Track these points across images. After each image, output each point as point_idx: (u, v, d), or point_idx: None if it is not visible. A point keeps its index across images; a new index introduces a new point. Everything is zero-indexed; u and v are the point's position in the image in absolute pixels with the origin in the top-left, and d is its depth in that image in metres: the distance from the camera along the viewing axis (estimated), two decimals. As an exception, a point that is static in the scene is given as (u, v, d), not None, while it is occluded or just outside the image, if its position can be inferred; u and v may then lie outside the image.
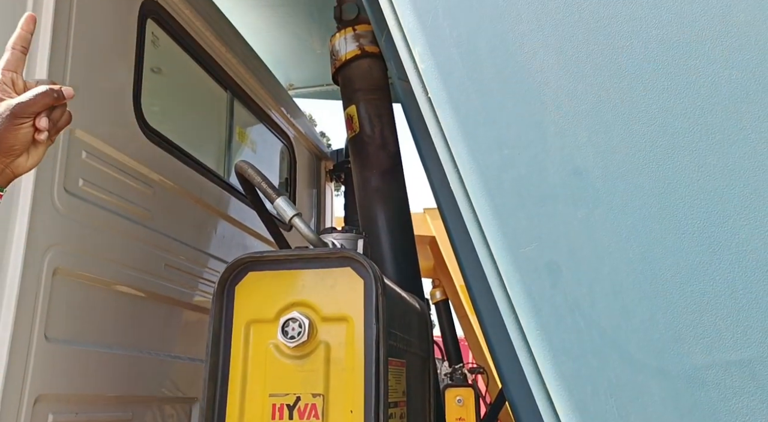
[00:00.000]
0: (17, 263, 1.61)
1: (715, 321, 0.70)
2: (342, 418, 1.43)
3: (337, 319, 1.51)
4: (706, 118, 0.77)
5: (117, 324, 2.02)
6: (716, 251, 0.73)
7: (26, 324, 1.62)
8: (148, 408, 2.16)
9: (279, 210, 1.73)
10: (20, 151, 1.10)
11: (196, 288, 2.50)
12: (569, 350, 0.78)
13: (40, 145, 1.13)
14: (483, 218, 0.88)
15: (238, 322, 1.55)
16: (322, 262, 1.56)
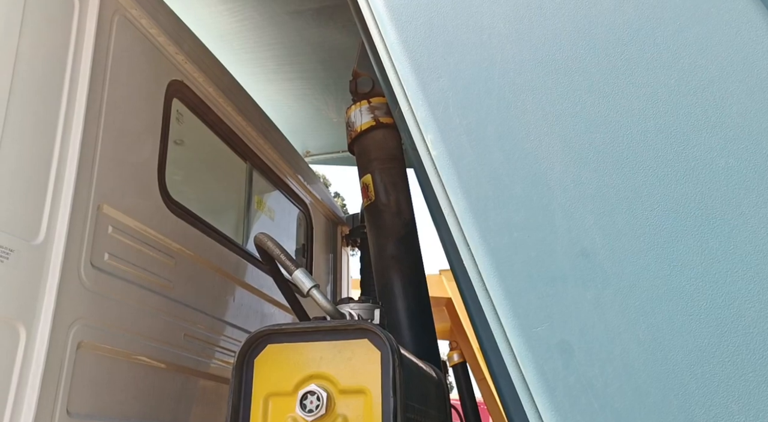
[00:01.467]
0: (44, 338, 1.65)
1: (727, 403, 0.71)
2: (361, 492, 1.42)
3: (355, 392, 1.52)
4: (705, 201, 0.81)
5: (137, 396, 2.03)
6: (724, 332, 0.75)
7: (49, 400, 1.65)
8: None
9: (297, 281, 1.77)
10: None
11: (213, 357, 2.51)
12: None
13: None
14: (496, 298, 0.91)
15: (257, 396, 1.57)
16: (340, 334, 1.58)
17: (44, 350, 1.63)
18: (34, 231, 1.68)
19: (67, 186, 1.79)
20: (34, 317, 1.64)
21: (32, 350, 1.62)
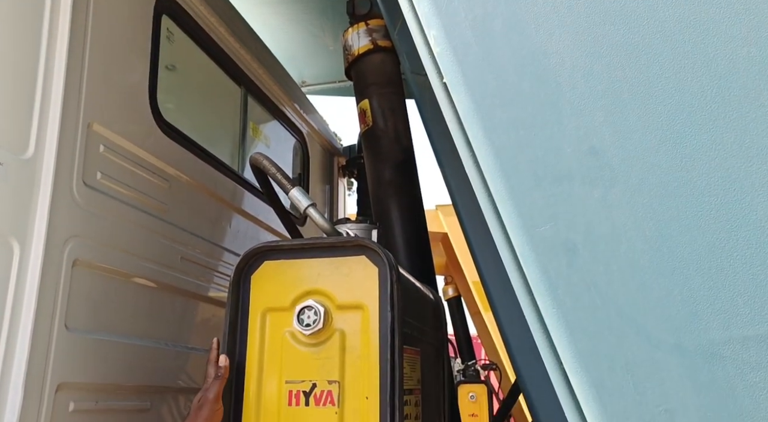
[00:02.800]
0: (38, 254, 1.63)
1: (733, 296, 0.70)
2: (357, 404, 1.44)
3: (352, 307, 1.52)
4: (723, 94, 0.77)
5: (135, 315, 2.04)
6: (734, 227, 0.73)
7: (47, 314, 1.65)
8: (166, 398, 2.18)
9: (294, 200, 1.74)
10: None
11: (211, 281, 2.52)
12: (586, 328, 0.78)
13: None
14: (499, 199, 0.89)
15: (254, 311, 1.57)
16: (337, 251, 1.57)
17: (39, 266, 1.62)
18: (23, 146, 1.64)
19: (55, 101, 1.74)
20: (27, 233, 1.62)
21: (27, 265, 1.61)
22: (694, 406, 0.70)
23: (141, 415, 2.04)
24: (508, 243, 0.92)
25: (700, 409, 0.70)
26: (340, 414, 1.44)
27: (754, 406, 0.68)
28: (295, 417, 1.46)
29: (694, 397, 0.71)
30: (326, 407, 1.46)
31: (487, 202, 0.98)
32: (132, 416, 1.99)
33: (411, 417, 1.54)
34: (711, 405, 0.70)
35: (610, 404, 0.74)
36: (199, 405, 1.49)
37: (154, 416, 2.11)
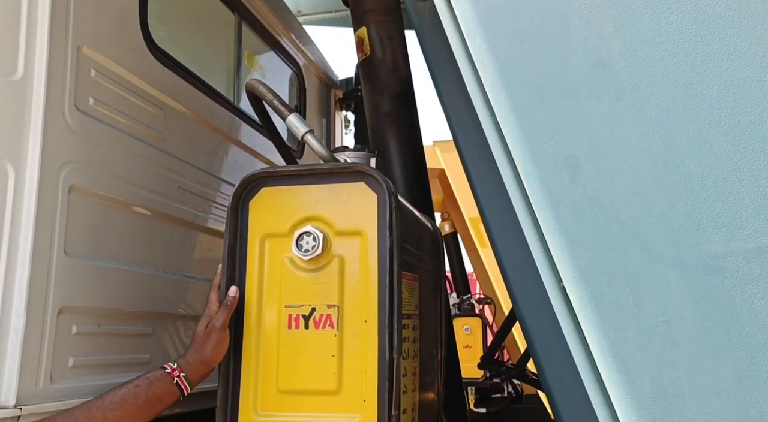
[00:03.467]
0: (33, 179, 1.61)
1: (737, 209, 0.70)
2: (356, 328, 1.47)
3: (351, 233, 1.53)
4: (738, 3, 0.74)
5: (133, 243, 2.05)
6: (743, 139, 0.71)
7: (46, 239, 1.65)
8: (167, 324, 2.22)
9: (291, 127, 1.71)
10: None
11: (208, 212, 2.52)
12: (587, 243, 0.78)
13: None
14: (501, 115, 0.87)
15: (253, 236, 1.57)
16: (336, 177, 1.56)
17: (35, 190, 1.61)
18: (11, 67, 1.60)
19: (42, 21, 1.68)
20: (20, 157, 1.60)
21: (22, 190, 1.59)
22: (691, 317, 0.71)
23: (143, 340, 2.08)
24: (510, 161, 0.90)
25: (697, 320, 0.71)
26: (339, 336, 1.47)
27: (751, 316, 0.69)
28: (294, 340, 1.49)
29: (692, 309, 0.71)
30: (326, 330, 1.48)
31: (489, 120, 0.96)
32: (134, 340, 2.03)
33: (409, 340, 1.57)
34: (708, 316, 0.70)
35: (608, 316, 0.75)
36: (207, 333, 1.51)
37: (156, 341, 2.15)
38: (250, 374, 1.49)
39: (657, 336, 0.72)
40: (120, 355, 1.95)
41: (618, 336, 0.74)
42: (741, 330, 0.69)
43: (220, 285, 1.57)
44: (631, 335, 0.73)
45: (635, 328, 0.73)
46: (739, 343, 0.69)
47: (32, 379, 1.56)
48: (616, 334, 0.74)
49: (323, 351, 1.47)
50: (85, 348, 1.79)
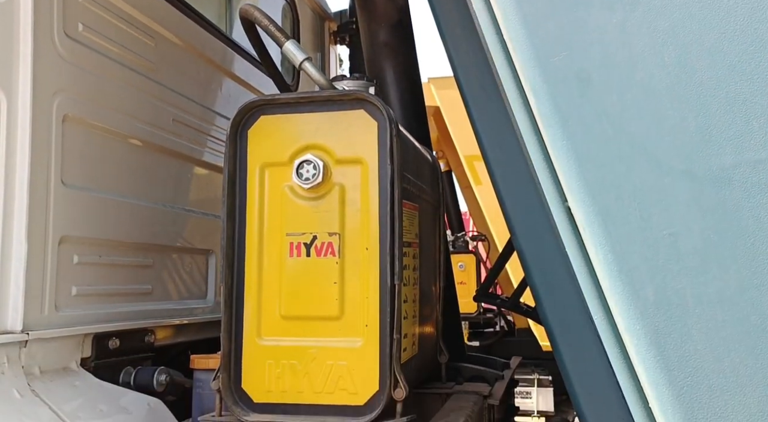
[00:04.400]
0: (26, 106, 1.59)
1: (748, 120, 0.69)
2: (358, 255, 1.48)
3: (351, 162, 1.51)
4: None
5: (130, 175, 2.04)
6: (758, 47, 0.70)
7: (42, 169, 1.64)
8: (168, 256, 2.24)
9: (288, 54, 1.67)
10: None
11: (204, 145, 2.49)
12: (595, 159, 0.77)
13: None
14: (509, 30, 0.84)
15: (253, 165, 1.56)
16: (335, 105, 1.53)
17: (28, 118, 1.58)
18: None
19: (26, -60, 1.60)
20: (11, 84, 1.56)
21: (16, 118, 1.57)
22: (698, 229, 0.71)
23: (144, 271, 2.10)
24: (516, 79, 0.89)
25: (703, 231, 0.71)
26: (341, 264, 1.48)
27: (757, 227, 0.70)
28: (296, 267, 1.50)
29: (699, 220, 0.72)
30: (327, 257, 1.49)
31: (495, 38, 0.93)
32: (136, 271, 2.05)
33: (410, 268, 1.59)
34: (715, 227, 0.71)
35: (615, 230, 0.75)
36: None
37: (157, 272, 2.17)
38: (253, 301, 1.51)
39: (663, 248, 0.73)
40: (122, 285, 1.97)
41: (624, 249, 0.75)
42: (746, 240, 0.70)
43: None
44: (637, 248, 0.74)
45: (641, 241, 0.74)
46: (744, 254, 0.70)
47: (38, 306, 1.58)
48: (622, 248, 0.75)
49: (325, 278, 1.48)
50: (88, 278, 1.80)
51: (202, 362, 1.94)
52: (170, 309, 2.21)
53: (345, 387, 1.44)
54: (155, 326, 2.07)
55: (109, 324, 1.84)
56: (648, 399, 0.73)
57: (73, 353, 1.69)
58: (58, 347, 1.64)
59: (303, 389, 1.46)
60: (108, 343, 1.82)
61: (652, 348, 0.72)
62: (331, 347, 1.46)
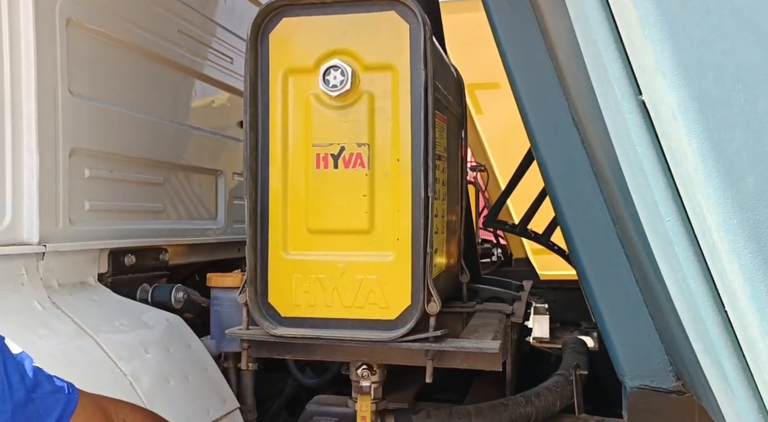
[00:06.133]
0: (28, 7, 1.47)
1: None
2: (388, 167, 1.42)
3: (381, 68, 1.42)
4: None
5: (138, 87, 1.94)
6: None
7: (49, 76, 1.54)
8: (178, 175, 2.17)
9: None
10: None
11: (210, 60, 2.37)
12: (693, 35, 0.70)
13: None
14: None
15: (275, 72, 1.47)
16: (364, 6, 1.43)
17: (31, 20, 1.47)
18: None
19: None
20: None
21: (18, 20, 1.45)
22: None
23: (155, 189, 2.04)
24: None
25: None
26: (370, 176, 1.42)
27: None
28: (323, 180, 1.44)
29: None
30: (356, 169, 1.43)
31: None
32: (147, 188, 1.99)
33: (439, 181, 1.53)
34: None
35: (713, 115, 0.69)
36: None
37: (167, 191, 2.10)
38: (278, 215, 1.46)
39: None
40: (134, 202, 1.91)
41: (722, 136, 0.68)
42: None
43: None
44: (737, 134, 0.68)
45: (743, 126, 0.68)
46: None
47: (52, 220, 1.52)
48: (720, 135, 0.69)
49: (354, 190, 1.42)
50: (100, 193, 1.74)
51: (219, 280, 1.91)
52: (182, 228, 2.16)
53: (375, 301, 1.41)
54: (168, 244, 2.02)
55: (124, 240, 1.79)
56: (738, 297, 0.68)
57: (90, 268, 1.65)
58: (74, 261, 1.59)
59: (332, 303, 1.43)
60: (124, 260, 1.77)
61: (751, 242, 0.67)
62: (360, 261, 1.42)
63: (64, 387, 1.07)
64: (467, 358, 1.40)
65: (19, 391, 1.01)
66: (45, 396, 1.04)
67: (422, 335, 1.36)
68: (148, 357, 1.55)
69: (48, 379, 1.07)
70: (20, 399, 1.00)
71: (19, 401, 1.00)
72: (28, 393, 1.01)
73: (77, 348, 1.39)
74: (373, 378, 1.52)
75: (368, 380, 1.52)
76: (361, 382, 1.52)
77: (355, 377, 1.54)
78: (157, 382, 1.51)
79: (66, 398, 1.07)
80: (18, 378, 1.01)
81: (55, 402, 1.05)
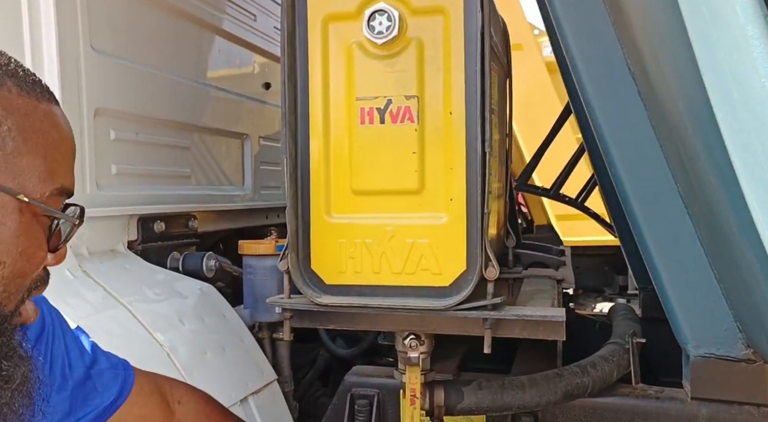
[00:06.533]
0: (44, -48, 1.35)
1: None
2: (439, 121, 1.30)
3: (431, 11, 1.30)
4: None
5: (161, 45, 1.82)
6: None
7: (71, 32, 1.43)
8: (204, 138, 2.07)
9: None
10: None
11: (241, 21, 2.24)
12: None
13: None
14: None
15: (314, 19, 1.35)
16: (412, -58, 1.30)
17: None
18: None
19: None
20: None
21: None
22: None
23: (182, 153, 1.94)
24: None
25: None
26: (420, 131, 1.30)
27: None
28: (368, 136, 1.33)
29: None
30: (404, 124, 1.31)
31: None
32: (173, 152, 1.89)
33: (493, 137, 1.41)
34: None
35: None
36: None
37: (194, 156, 2.01)
38: (320, 175, 1.35)
39: None
40: (161, 167, 1.82)
41: None
42: None
43: None
44: None
45: None
46: None
47: (80, 184, 1.43)
48: None
49: (402, 147, 1.31)
50: (126, 157, 1.64)
51: (252, 247, 1.82)
52: (210, 194, 2.07)
53: (427, 267, 1.30)
54: (197, 210, 1.93)
55: (152, 206, 1.70)
56: None
57: (119, 235, 1.57)
58: (104, 228, 1.51)
59: (380, 270, 1.33)
60: (153, 226, 1.69)
61: None
62: (410, 224, 1.32)
63: (120, 363, 1.00)
64: (527, 327, 1.31)
65: (79, 368, 0.95)
66: (102, 372, 0.98)
67: (480, 302, 1.26)
68: (184, 327, 1.48)
69: (105, 355, 1.00)
70: (79, 376, 0.94)
71: (78, 379, 0.94)
72: (87, 369, 0.95)
73: (111, 318, 1.32)
74: (421, 348, 1.43)
75: (416, 351, 1.43)
76: (409, 353, 1.43)
77: (401, 347, 1.45)
78: (194, 354, 1.44)
79: (123, 375, 1.00)
80: (77, 354, 0.95)
81: (113, 378, 0.99)
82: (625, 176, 1.54)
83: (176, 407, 1.10)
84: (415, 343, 1.43)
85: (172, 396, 1.08)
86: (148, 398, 1.03)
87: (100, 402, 0.96)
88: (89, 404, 0.95)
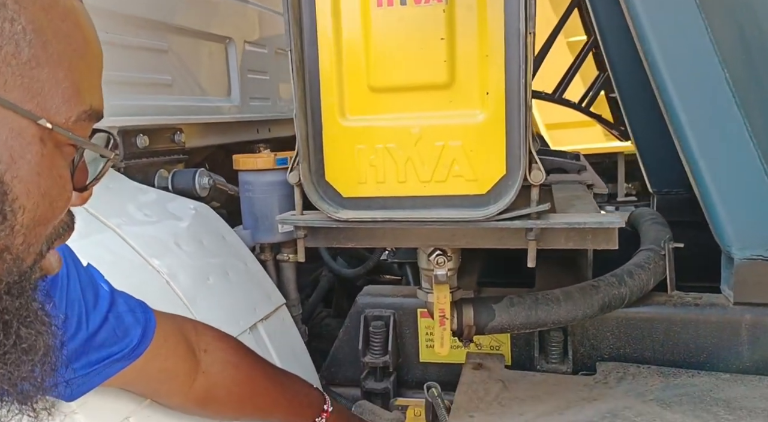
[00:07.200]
0: None
1: None
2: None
3: None
4: None
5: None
6: None
7: None
8: (183, 41, 1.82)
9: None
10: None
11: None
12: None
13: None
14: None
15: None
16: None
17: None
18: None
19: None
20: None
21: None
22: None
23: (160, 58, 1.70)
24: None
25: None
26: (449, 12, 1.09)
27: None
28: (388, 20, 1.12)
29: None
30: (430, 4, 1.10)
31: None
32: (151, 56, 1.65)
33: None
34: None
35: None
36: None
37: (174, 61, 1.77)
38: (331, 70, 1.15)
39: None
40: (138, 73, 1.58)
41: None
42: None
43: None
44: None
45: None
46: None
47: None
48: None
49: (428, 32, 1.11)
50: (98, 60, 1.41)
51: (249, 162, 1.63)
52: (195, 105, 1.85)
53: (461, 173, 1.14)
54: (183, 123, 1.72)
55: (132, 117, 1.49)
56: None
57: (98, 150, 1.36)
58: (80, 142, 1.30)
59: (405, 178, 1.16)
60: (136, 141, 1.48)
61: None
62: (440, 124, 1.13)
63: (138, 306, 0.85)
64: (573, 236, 1.16)
65: (96, 314, 0.80)
66: (121, 315, 0.83)
67: (524, 211, 1.11)
68: (182, 251, 1.31)
69: (122, 296, 0.86)
70: (97, 323, 0.80)
71: (95, 326, 0.80)
72: (105, 313, 0.81)
73: (98, 243, 1.14)
74: (449, 264, 1.29)
75: (444, 267, 1.29)
76: (436, 270, 1.29)
77: (426, 264, 1.31)
78: (196, 280, 1.28)
79: (144, 318, 0.85)
80: (92, 296, 0.80)
81: (133, 323, 0.85)
82: (663, 63, 1.37)
83: (202, 356, 0.96)
84: (443, 260, 1.28)
85: (198, 345, 0.94)
86: (173, 350, 0.89)
87: (118, 349, 0.82)
88: (104, 351, 0.80)
